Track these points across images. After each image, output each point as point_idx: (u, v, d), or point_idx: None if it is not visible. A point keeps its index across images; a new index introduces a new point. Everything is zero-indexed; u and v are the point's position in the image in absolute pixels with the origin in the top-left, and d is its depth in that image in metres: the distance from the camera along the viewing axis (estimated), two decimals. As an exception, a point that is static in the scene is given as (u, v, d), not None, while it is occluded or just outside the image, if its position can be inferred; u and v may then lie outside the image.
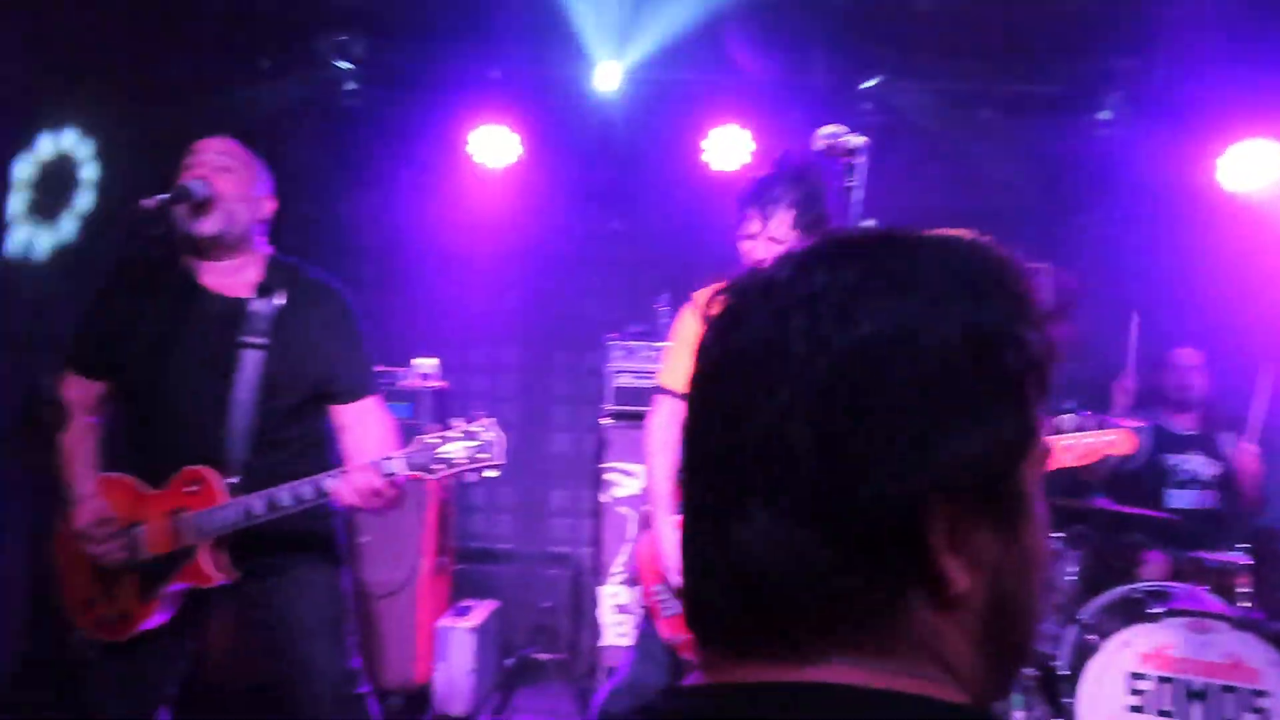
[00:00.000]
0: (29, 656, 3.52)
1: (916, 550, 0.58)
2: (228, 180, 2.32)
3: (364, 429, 2.40)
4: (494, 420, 2.17)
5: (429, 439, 2.16)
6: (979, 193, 5.02)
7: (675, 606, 2.74)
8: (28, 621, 3.50)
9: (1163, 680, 3.26)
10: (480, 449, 2.14)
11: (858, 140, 1.86)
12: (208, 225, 2.28)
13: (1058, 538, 4.07)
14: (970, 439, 0.60)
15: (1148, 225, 4.88)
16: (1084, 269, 5.13)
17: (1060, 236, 5.09)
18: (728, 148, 4.69)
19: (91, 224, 3.69)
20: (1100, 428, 2.69)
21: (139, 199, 2.17)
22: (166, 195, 2.18)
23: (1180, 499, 4.24)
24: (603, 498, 4.32)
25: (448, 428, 2.17)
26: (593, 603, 4.43)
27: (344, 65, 4.71)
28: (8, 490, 3.14)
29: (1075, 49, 4.55)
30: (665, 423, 2.81)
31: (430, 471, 2.14)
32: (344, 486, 2.16)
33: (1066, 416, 2.69)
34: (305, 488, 2.18)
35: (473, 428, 2.15)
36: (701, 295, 2.82)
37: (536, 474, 5.08)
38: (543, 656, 4.50)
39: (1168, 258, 4.72)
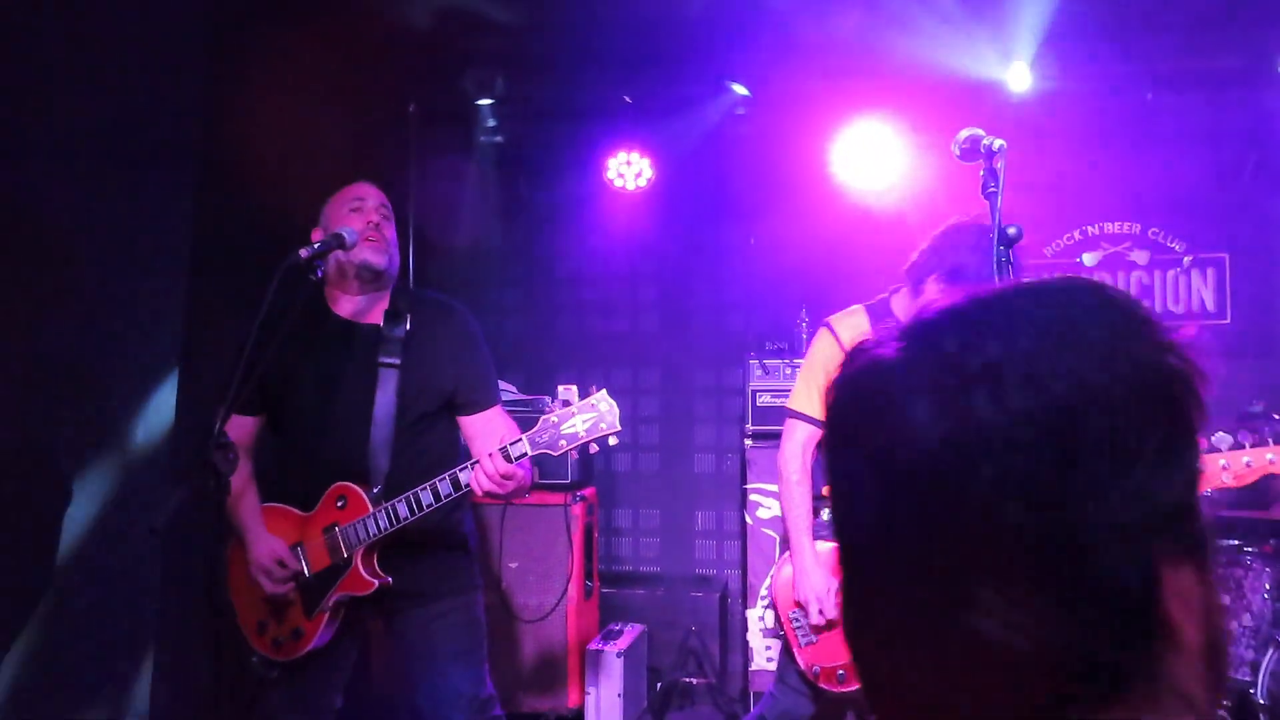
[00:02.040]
0: (212, 686, 3.76)
1: (1151, 607, 0.58)
2: (389, 228, 2.53)
3: (490, 435, 2.48)
4: (605, 390, 2.23)
5: (551, 418, 2.24)
6: (1149, 183, 4.69)
7: (812, 635, 2.65)
8: (209, 653, 3.74)
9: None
10: (599, 419, 2.20)
11: (997, 143, 1.75)
12: (380, 259, 2.47)
13: (1248, 553, 3.71)
14: (1173, 483, 0.59)
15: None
16: (1271, 261, 4.70)
17: (1240, 226, 4.68)
18: (857, 156, 4.58)
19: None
20: (1258, 445, 2.44)
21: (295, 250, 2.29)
22: (319, 245, 2.31)
23: None
24: (748, 519, 4.25)
25: (566, 404, 2.25)
26: (740, 625, 4.36)
27: (485, 103, 4.89)
28: (187, 530, 3.38)
29: (1247, 16, 4.18)
30: (800, 449, 2.72)
31: (555, 449, 2.22)
32: (478, 474, 2.26)
33: (1220, 435, 2.46)
34: (442, 483, 2.29)
35: (589, 400, 2.22)
36: (839, 321, 2.73)
37: (681, 496, 5.06)
38: (692, 680, 4.46)
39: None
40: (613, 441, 2.24)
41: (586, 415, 2.20)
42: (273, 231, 3.44)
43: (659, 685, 4.42)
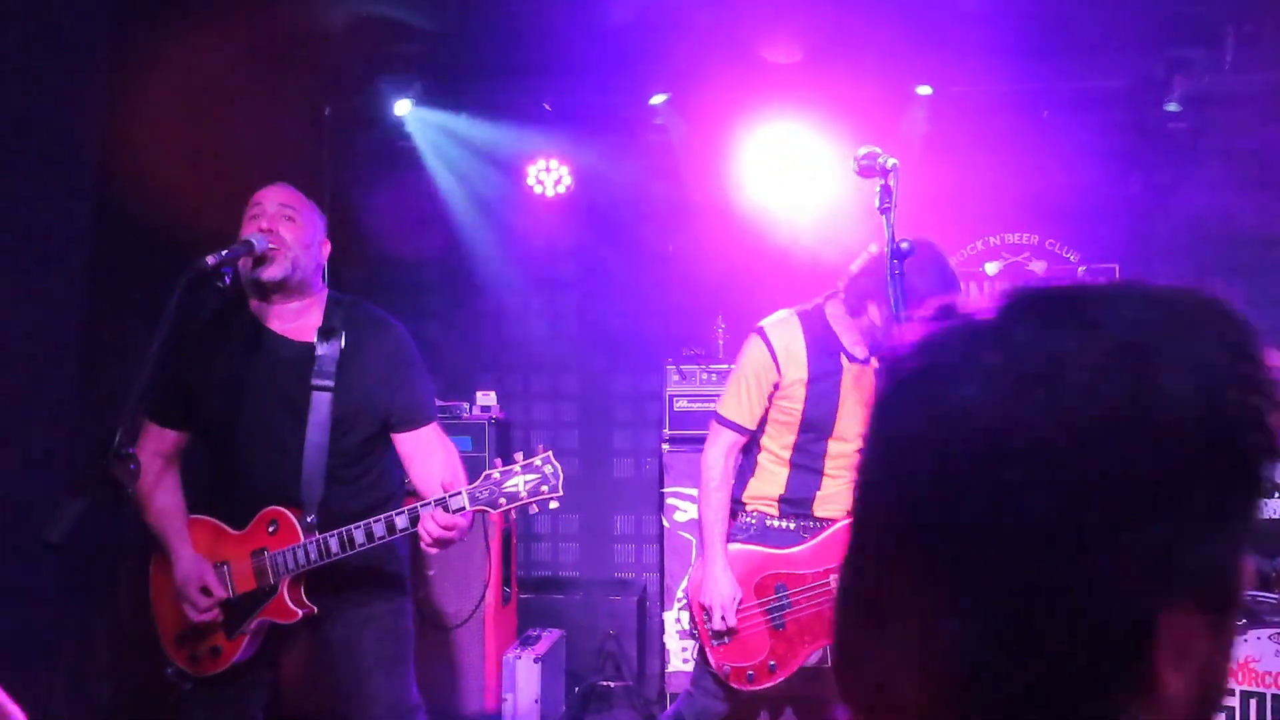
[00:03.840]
0: (119, 696, 3.65)
1: (1133, 658, 0.52)
2: (291, 228, 2.41)
3: (427, 455, 2.48)
4: (551, 452, 2.23)
5: (494, 474, 2.23)
6: (1047, 196, 4.90)
7: (725, 635, 2.69)
8: (113, 660, 3.63)
9: (1247, 695, 3.08)
10: (541, 481, 2.22)
11: (891, 161, 1.83)
12: (273, 271, 2.37)
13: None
14: (1214, 544, 0.52)
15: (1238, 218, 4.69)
16: (1152, 271, 4.94)
17: (1128, 239, 4.92)
18: (770, 167, 4.69)
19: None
20: None
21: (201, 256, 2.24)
22: (226, 252, 2.24)
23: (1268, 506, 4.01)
24: (665, 523, 4.30)
25: (510, 462, 2.24)
26: (658, 628, 4.41)
27: (402, 107, 4.85)
28: (85, 542, 3.28)
29: (1135, 43, 4.41)
30: (723, 454, 2.73)
31: (495, 506, 2.21)
32: (422, 533, 2.24)
33: None
34: (378, 525, 2.26)
35: (534, 460, 2.23)
36: (771, 327, 2.74)
37: (599, 500, 5.09)
38: (610, 684, 4.49)
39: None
40: (553, 505, 2.25)
41: (530, 476, 2.21)
42: (177, 237, 3.37)
43: (576, 689, 4.44)
